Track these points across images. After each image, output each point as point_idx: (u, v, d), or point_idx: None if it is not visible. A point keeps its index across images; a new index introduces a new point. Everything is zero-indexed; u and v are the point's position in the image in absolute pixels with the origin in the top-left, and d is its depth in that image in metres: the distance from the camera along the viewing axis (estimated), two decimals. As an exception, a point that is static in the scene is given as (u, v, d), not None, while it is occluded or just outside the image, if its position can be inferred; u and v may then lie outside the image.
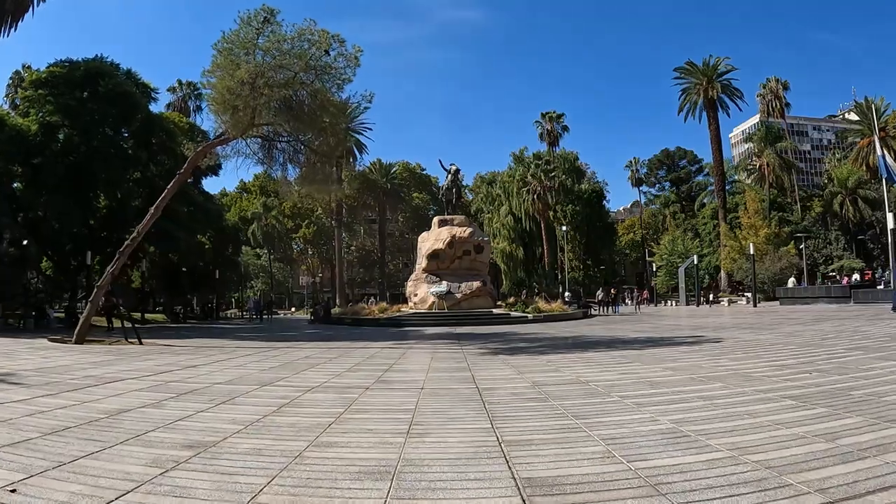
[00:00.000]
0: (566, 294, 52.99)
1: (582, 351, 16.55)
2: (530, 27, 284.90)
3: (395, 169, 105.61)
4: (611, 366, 12.43)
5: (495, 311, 40.84)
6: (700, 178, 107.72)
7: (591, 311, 46.78)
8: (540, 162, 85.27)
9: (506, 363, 13.74)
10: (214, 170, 55.99)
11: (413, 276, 46.41)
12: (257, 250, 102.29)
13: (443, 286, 42.36)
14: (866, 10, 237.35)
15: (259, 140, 24.79)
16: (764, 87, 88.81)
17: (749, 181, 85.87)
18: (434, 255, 44.09)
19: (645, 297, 70.04)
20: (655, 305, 66.52)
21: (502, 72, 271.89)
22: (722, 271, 69.89)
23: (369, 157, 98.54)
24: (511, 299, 48.13)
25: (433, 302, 41.86)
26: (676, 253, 75.14)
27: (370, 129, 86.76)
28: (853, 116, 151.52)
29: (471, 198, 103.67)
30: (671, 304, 65.52)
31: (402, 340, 23.15)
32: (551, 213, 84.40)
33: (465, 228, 44.91)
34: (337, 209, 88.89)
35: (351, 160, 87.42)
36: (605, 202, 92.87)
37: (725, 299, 60.60)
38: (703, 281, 70.29)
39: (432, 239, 45.41)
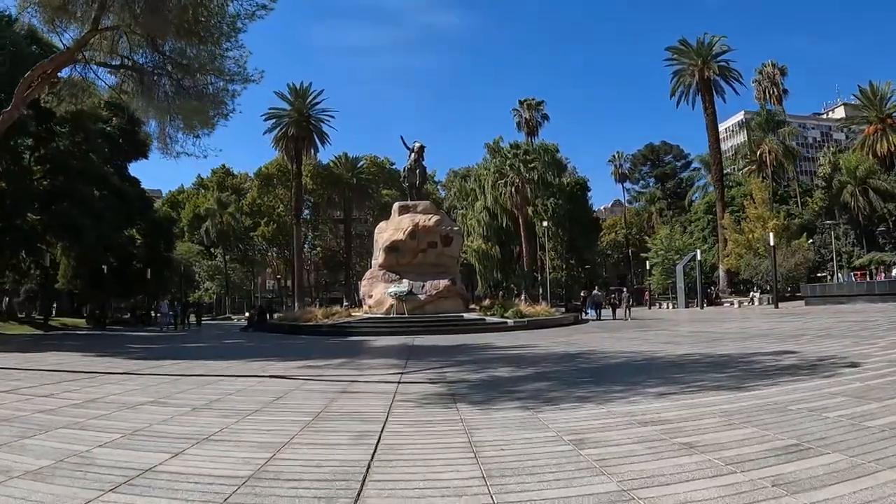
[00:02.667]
0: (582, 293, 44.97)
1: (624, 390, 8.91)
2: (510, 26, 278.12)
3: (361, 163, 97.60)
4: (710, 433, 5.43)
5: (467, 315, 33.65)
6: (687, 173, 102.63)
7: (582, 316, 39.01)
8: (518, 152, 77.25)
9: (468, 432, 6.34)
10: (141, 150, 48.25)
11: (368, 274, 38.85)
12: (212, 250, 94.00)
13: (403, 285, 35.09)
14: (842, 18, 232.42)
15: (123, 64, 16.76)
16: (760, 73, 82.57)
17: (743, 171, 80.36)
18: (392, 248, 36.67)
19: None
20: (650, 308, 59.01)
21: (481, 71, 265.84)
22: (720, 270, 62.58)
23: (335, 150, 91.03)
24: (487, 301, 40.27)
25: (391, 305, 34.53)
26: (673, 249, 67.54)
27: (332, 116, 78.55)
28: (839, 114, 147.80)
29: (443, 195, 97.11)
30: (667, 307, 58.01)
31: (323, 360, 15.97)
32: (530, 209, 76.64)
33: (430, 216, 37.41)
34: (296, 204, 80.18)
35: (311, 150, 79.01)
36: (588, 195, 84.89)
37: (733, 300, 53.28)
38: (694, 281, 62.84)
39: (391, 229, 38.06)
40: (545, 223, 66.70)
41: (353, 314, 36.14)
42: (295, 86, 75.87)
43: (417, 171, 40.86)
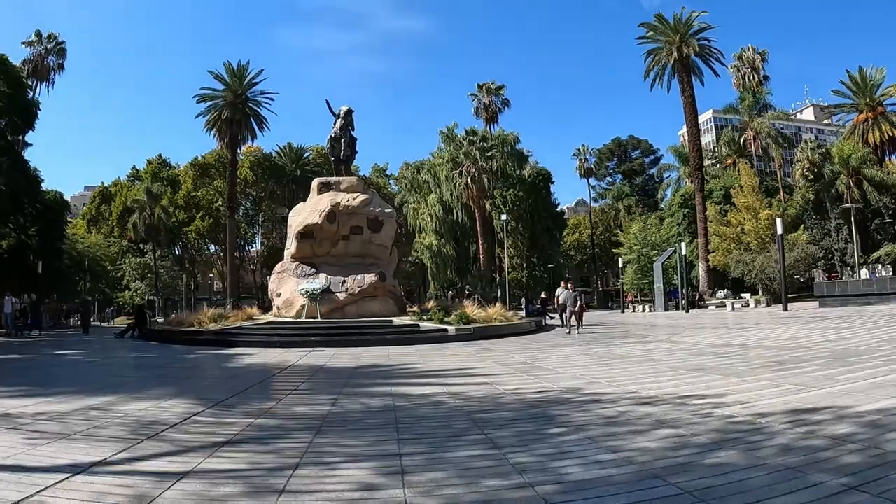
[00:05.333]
0: (543, 295, 36.81)
1: None
2: (473, 26, 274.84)
3: (308, 154, 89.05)
4: None
5: (398, 320, 25.98)
6: (655, 170, 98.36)
7: (546, 321, 31.21)
8: (475, 139, 69.38)
9: None
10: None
11: (279, 267, 31.08)
12: (141, 246, 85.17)
13: (318, 282, 27.51)
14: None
15: None
16: (739, 58, 76.11)
17: (724, 159, 74.42)
18: (306, 235, 29.10)
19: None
20: (622, 312, 51.65)
21: (444, 73, 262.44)
22: (700, 268, 55.43)
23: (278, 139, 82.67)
24: (431, 303, 31.95)
25: (302, 306, 26.85)
26: (649, 244, 60.23)
27: (272, 99, 69.73)
28: (809, 115, 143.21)
29: (395, 189, 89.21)
30: (642, 310, 50.64)
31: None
32: (488, 203, 68.92)
33: (355, 195, 29.72)
34: (230, 194, 71.24)
35: (249, 136, 70.44)
36: (552, 186, 77.13)
37: (723, 302, 46.19)
38: (674, 282, 55.62)
39: (307, 210, 30.41)
40: (504, 216, 59.14)
41: (254, 318, 28.21)
42: (231, 65, 67.15)
43: (343, 141, 32.77)
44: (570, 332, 23.01)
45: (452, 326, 23.13)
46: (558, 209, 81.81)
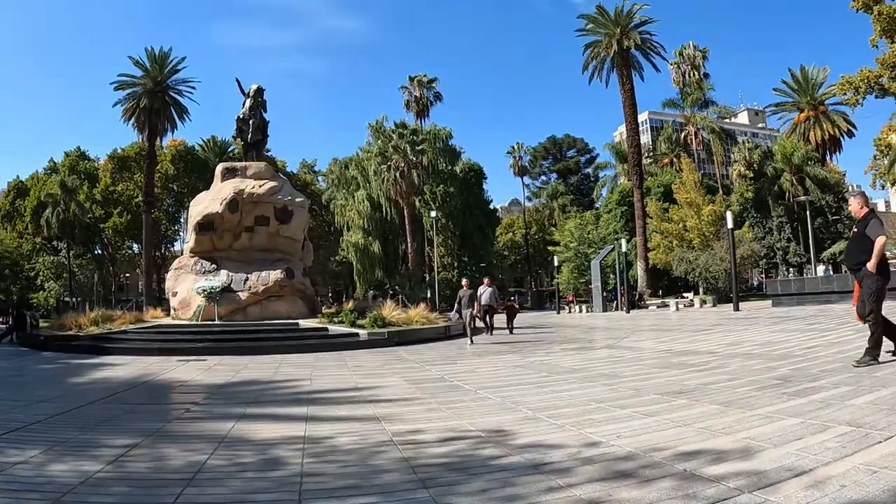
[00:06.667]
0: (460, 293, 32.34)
1: None
2: (411, 26, 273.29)
3: (232, 148, 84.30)
4: None
5: (305, 323, 22.64)
6: (591, 169, 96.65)
7: (453, 317, 27.84)
8: (405, 132, 66.39)
9: None
10: None
11: (176, 264, 27.62)
12: (55, 243, 79.62)
13: (216, 279, 24.27)
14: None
15: None
16: (680, 55, 74.59)
17: (659, 162, 73.22)
18: (206, 226, 25.77)
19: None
20: (558, 313, 48.95)
21: (382, 73, 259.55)
22: (638, 267, 53.35)
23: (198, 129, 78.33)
24: (349, 304, 28.47)
25: (199, 307, 23.45)
26: (587, 241, 57.93)
27: (193, 88, 65.22)
28: (743, 119, 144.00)
29: (323, 186, 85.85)
30: (579, 310, 48.12)
31: None
32: (418, 199, 65.95)
33: (262, 182, 26.40)
34: (147, 187, 66.52)
35: (169, 126, 65.76)
36: (484, 183, 74.42)
37: (667, 301, 44.08)
38: (610, 281, 53.53)
39: (208, 199, 26.88)
40: (434, 213, 56.15)
41: (146, 320, 24.48)
42: (153, 51, 62.55)
43: (252, 123, 29.13)
44: (470, 341, 18.82)
45: (365, 330, 19.93)
46: (491, 207, 79.27)
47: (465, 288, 20.50)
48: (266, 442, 5.72)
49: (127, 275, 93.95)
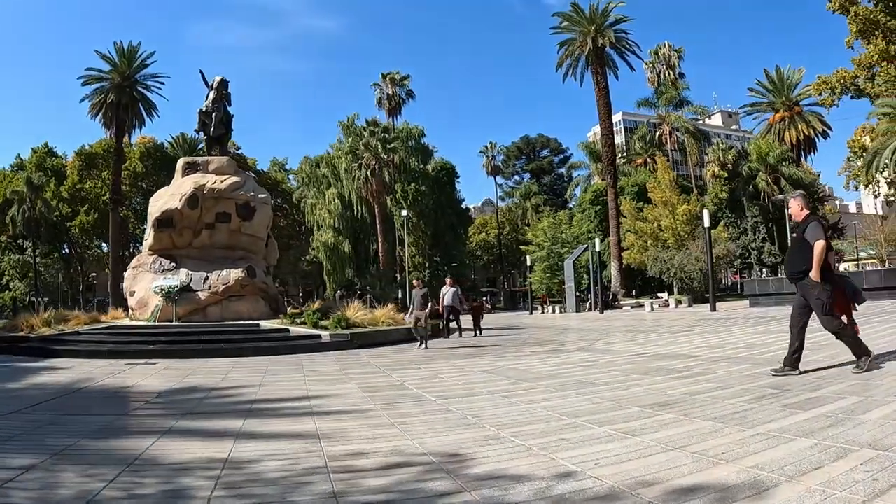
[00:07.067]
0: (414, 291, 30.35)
1: None
2: (386, 27, 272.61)
3: (201, 145, 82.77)
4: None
5: (266, 324, 21.54)
6: (564, 169, 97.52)
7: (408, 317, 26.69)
8: (376, 130, 65.34)
9: None
10: None
11: (135, 262, 26.32)
12: (20, 242, 78.61)
13: (176, 278, 23.10)
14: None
15: None
16: (655, 54, 74.30)
17: (633, 162, 73.26)
18: (165, 223, 24.51)
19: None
20: (531, 313, 48.19)
21: (356, 72, 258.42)
22: (612, 267, 52.84)
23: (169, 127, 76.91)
24: (316, 304, 27.53)
25: (157, 307, 22.28)
26: (560, 241, 57.26)
27: (162, 83, 64.01)
28: (717, 121, 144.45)
29: (294, 184, 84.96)
30: (551, 311, 47.43)
31: None
32: (390, 198, 65.02)
33: (224, 177, 25.34)
34: (114, 184, 65.26)
35: (137, 122, 64.42)
36: (457, 182, 73.89)
37: (640, 302, 43.60)
38: (585, 281, 52.89)
39: (168, 195, 25.62)
40: (405, 212, 55.26)
41: (102, 320, 23.39)
42: (122, 45, 61.16)
43: (215, 116, 28.03)
44: (421, 345, 17.51)
45: (327, 332, 18.95)
46: (464, 206, 78.53)
47: (417, 288, 19.22)
48: (180, 466, 4.81)
49: (94, 274, 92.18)
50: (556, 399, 7.34)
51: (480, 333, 22.54)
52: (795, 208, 8.04)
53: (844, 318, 7.67)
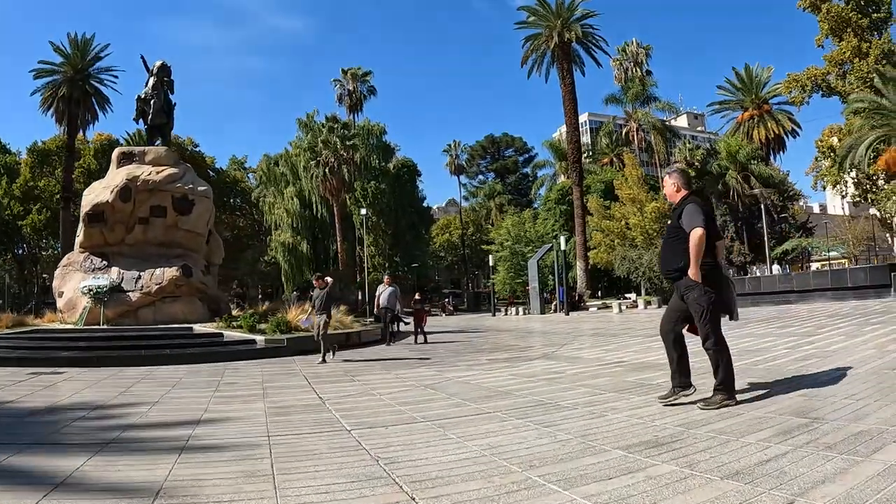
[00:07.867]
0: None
1: None
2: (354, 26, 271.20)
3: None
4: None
5: (200, 328, 19.83)
6: (529, 168, 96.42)
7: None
8: (335, 126, 63.25)
9: None
10: None
11: (64, 261, 24.17)
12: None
13: (106, 277, 21.28)
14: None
15: None
16: (622, 52, 73.58)
17: (599, 161, 72.34)
18: (96, 217, 22.61)
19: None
20: (494, 315, 46.56)
21: (318, 72, 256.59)
22: (578, 268, 51.49)
23: (122, 122, 74.04)
24: (265, 306, 25.95)
25: (85, 308, 20.49)
26: (524, 240, 55.88)
27: (116, 77, 61.64)
28: (682, 122, 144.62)
29: (253, 183, 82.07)
30: (518, 313, 45.90)
31: None
32: (349, 197, 63.21)
33: (160, 168, 23.65)
34: (64, 182, 62.64)
35: (90, 117, 61.93)
36: (418, 180, 72.58)
37: (607, 303, 42.29)
38: (549, 282, 51.53)
39: (100, 188, 23.68)
40: (364, 210, 53.54)
41: (28, 323, 21.47)
42: (76, 36, 58.66)
43: (154, 104, 26.19)
44: (322, 359, 14.23)
45: (262, 337, 17.09)
46: (426, 206, 76.94)
47: (317, 287, 15.92)
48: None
49: (45, 276, 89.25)
50: (506, 433, 5.50)
51: (426, 340, 20.03)
52: (670, 188, 6.43)
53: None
